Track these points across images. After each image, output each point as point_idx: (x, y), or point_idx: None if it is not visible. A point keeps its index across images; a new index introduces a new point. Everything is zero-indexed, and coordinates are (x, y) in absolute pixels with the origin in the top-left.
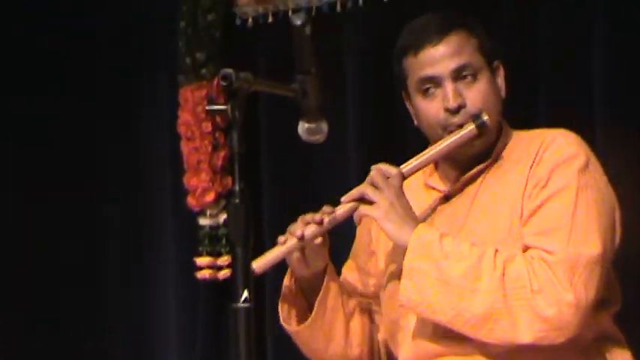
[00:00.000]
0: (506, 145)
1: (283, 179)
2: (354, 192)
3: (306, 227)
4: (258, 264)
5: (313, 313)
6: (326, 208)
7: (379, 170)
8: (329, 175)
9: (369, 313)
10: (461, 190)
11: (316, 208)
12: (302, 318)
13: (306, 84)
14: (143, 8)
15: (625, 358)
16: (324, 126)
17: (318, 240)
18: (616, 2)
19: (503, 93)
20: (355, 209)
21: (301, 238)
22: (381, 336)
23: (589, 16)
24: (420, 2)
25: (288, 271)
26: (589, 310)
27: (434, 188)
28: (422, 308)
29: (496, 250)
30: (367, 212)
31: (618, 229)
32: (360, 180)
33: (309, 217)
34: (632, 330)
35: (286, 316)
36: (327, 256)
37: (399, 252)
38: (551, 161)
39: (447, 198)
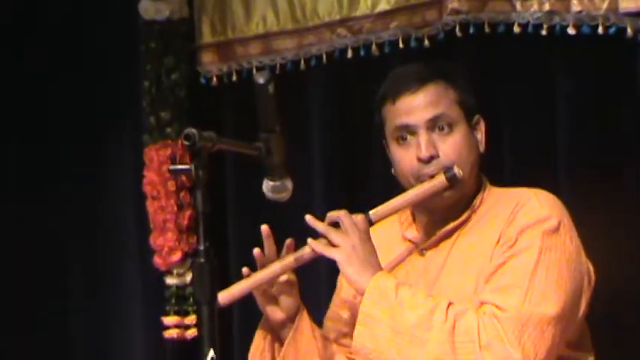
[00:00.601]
0: (484, 200)
1: (250, 238)
2: (319, 230)
3: (270, 265)
4: (224, 296)
5: (281, 353)
6: (289, 242)
7: (347, 214)
8: (295, 233)
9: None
10: (437, 244)
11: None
12: None
13: (270, 142)
14: (106, 66)
15: None
16: (289, 183)
17: (284, 277)
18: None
19: (482, 147)
20: (317, 253)
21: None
22: None
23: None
24: (383, 59)
25: (262, 318)
26: None
27: (410, 240)
28: (373, 355)
29: (450, 303)
30: (328, 254)
31: (587, 293)
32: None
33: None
34: None
35: None
36: (298, 298)
37: None
38: (522, 222)
39: (422, 251)
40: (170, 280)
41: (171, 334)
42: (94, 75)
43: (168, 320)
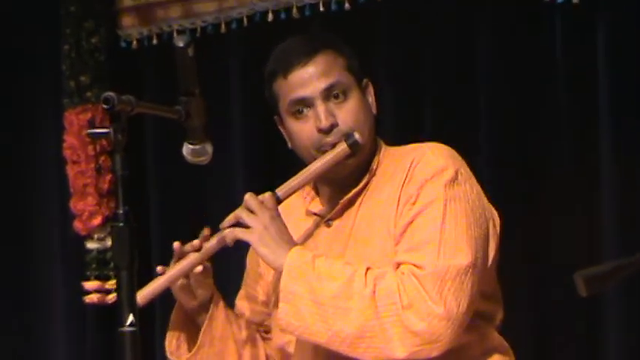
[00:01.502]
0: (380, 162)
1: (170, 201)
2: (231, 217)
3: (186, 256)
4: (142, 295)
5: (198, 342)
6: (206, 231)
7: (253, 195)
8: (216, 196)
9: (269, 341)
10: (341, 213)
11: (203, 229)
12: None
13: (189, 105)
14: (25, 31)
15: None
16: (209, 147)
17: (199, 268)
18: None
19: (374, 109)
20: (231, 238)
21: (180, 258)
22: None
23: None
24: (304, 22)
25: (177, 303)
26: (462, 320)
27: (315, 214)
28: (300, 331)
29: (368, 268)
30: (242, 236)
31: (494, 238)
32: None
33: (188, 246)
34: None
35: (174, 349)
36: (212, 285)
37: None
38: (420, 177)
39: (328, 223)
40: (91, 245)
41: (91, 298)
42: (14, 39)
43: (89, 285)
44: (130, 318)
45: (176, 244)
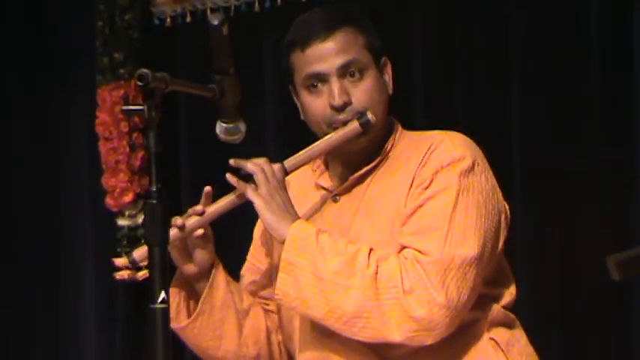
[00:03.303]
0: (395, 144)
1: (203, 179)
2: (248, 166)
3: (187, 218)
4: (138, 254)
5: (197, 308)
6: (207, 189)
7: (267, 161)
8: (247, 174)
9: (272, 314)
10: (350, 189)
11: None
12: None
13: (223, 84)
14: (59, 7)
15: (521, 343)
16: (242, 126)
17: (200, 232)
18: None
19: (390, 90)
20: (236, 202)
21: (182, 228)
22: (279, 337)
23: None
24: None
25: (177, 270)
26: (461, 311)
27: (323, 188)
28: (297, 303)
29: (371, 249)
30: (251, 196)
31: (504, 232)
32: None
33: (190, 210)
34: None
35: (174, 315)
36: (213, 251)
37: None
38: (436, 163)
39: (335, 198)
40: (122, 222)
41: (122, 275)
42: (48, 15)
43: (120, 261)
44: (162, 295)
45: (178, 220)
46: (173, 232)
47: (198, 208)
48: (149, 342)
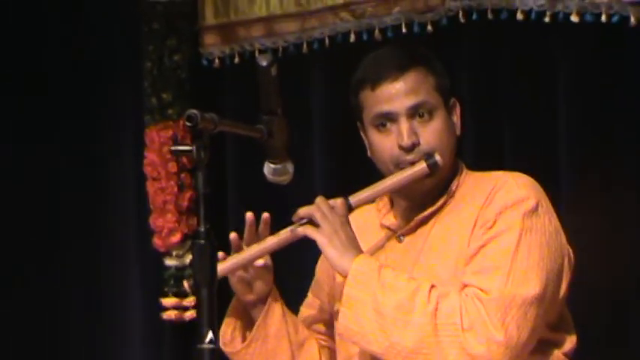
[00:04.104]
0: (460, 185)
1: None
2: (302, 212)
3: (249, 248)
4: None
5: (251, 335)
6: (265, 215)
7: (324, 199)
8: None
9: (327, 350)
10: (414, 230)
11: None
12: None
13: (271, 124)
14: (108, 47)
15: None
16: (290, 166)
17: (260, 262)
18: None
19: (458, 131)
20: (299, 235)
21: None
22: None
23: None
24: (386, 44)
25: (235, 296)
26: (520, 351)
27: (388, 227)
28: (358, 338)
29: (432, 286)
30: (311, 234)
31: (567, 275)
32: None
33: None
34: None
35: (229, 340)
36: (272, 281)
37: None
38: (500, 204)
39: (400, 237)
40: (169, 262)
41: (169, 315)
42: (97, 55)
43: (167, 301)
44: (210, 335)
45: (233, 235)
46: (234, 261)
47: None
48: None
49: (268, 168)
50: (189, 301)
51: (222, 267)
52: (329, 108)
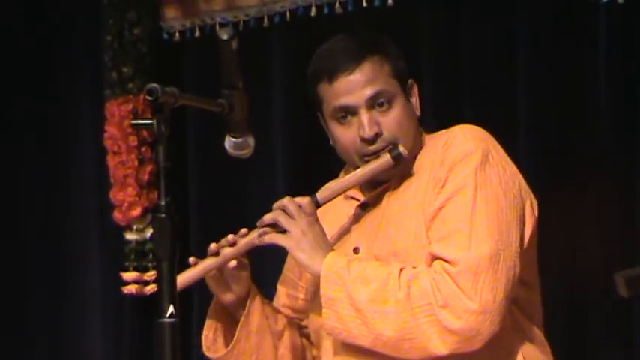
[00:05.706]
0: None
1: (211, 193)
2: (268, 217)
3: (221, 250)
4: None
5: (235, 337)
6: (243, 231)
7: (291, 200)
8: (256, 189)
9: (299, 329)
10: (378, 200)
11: (244, 222)
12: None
13: (232, 98)
14: (66, 22)
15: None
16: (251, 140)
17: (233, 263)
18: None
19: (418, 112)
20: (265, 242)
21: (216, 254)
22: (313, 353)
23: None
24: (346, 18)
25: (214, 298)
26: (500, 310)
27: (353, 198)
28: (345, 335)
29: (401, 269)
30: (278, 241)
31: (531, 220)
32: (287, 194)
33: (223, 240)
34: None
35: (211, 343)
36: (249, 279)
37: None
38: (449, 160)
39: (365, 207)
40: (130, 236)
41: (130, 289)
42: (55, 27)
43: (128, 276)
44: (170, 309)
45: (212, 245)
46: (209, 261)
47: (231, 237)
48: (157, 357)
49: (229, 142)
50: (150, 274)
51: (181, 279)
52: (290, 82)
